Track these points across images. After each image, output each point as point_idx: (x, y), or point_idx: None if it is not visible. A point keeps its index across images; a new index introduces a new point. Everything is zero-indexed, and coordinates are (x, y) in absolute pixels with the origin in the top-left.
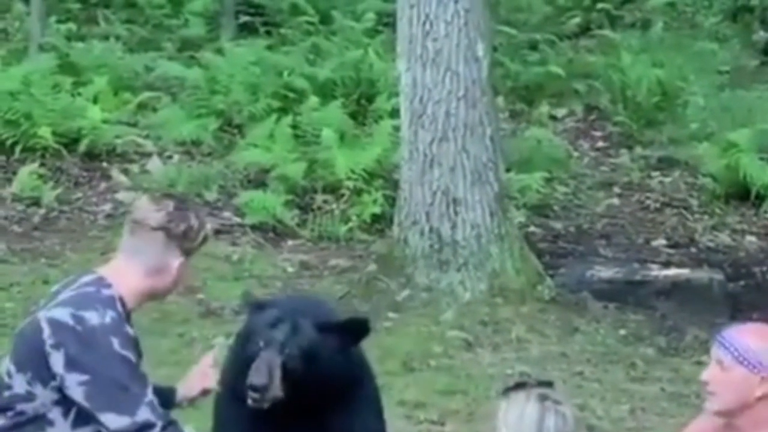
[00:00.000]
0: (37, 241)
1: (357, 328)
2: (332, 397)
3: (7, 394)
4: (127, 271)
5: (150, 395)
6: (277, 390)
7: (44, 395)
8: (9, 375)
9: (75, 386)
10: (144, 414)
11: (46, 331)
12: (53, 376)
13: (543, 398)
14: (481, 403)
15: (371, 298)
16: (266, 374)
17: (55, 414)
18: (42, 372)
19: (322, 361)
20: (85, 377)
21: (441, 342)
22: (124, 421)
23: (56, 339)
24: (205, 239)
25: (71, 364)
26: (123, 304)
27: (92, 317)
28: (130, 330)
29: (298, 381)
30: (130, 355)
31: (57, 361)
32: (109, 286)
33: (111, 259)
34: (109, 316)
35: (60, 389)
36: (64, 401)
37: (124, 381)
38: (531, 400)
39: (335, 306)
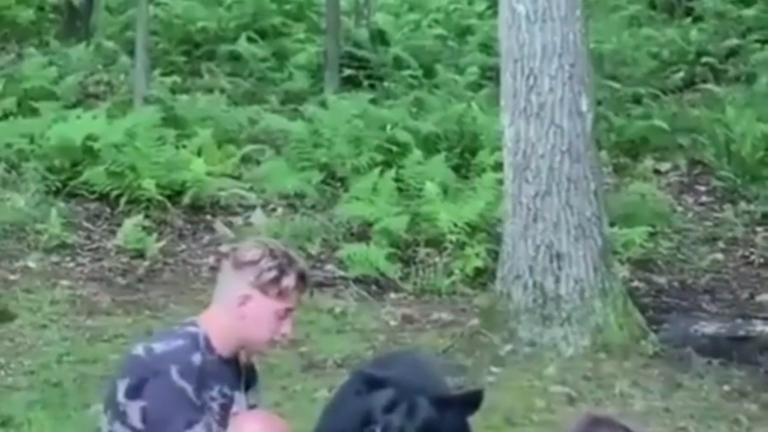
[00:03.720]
0: (141, 294)
1: (472, 401)
2: None
3: None
4: (213, 312)
5: (197, 429)
6: None
7: None
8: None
9: (135, 413)
10: None
11: (120, 367)
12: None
13: None
14: None
15: (474, 353)
16: None
17: None
18: (116, 408)
19: None
20: (143, 403)
21: (544, 397)
22: None
23: (125, 370)
24: (291, 281)
25: (133, 391)
26: (208, 344)
27: (159, 347)
28: (197, 359)
29: None
30: (186, 385)
31: (121, 389)
32: (196, 325)
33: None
34: (174, 344)
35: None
36: None
37: (170, 411)
38: None
39: (441, 364)
